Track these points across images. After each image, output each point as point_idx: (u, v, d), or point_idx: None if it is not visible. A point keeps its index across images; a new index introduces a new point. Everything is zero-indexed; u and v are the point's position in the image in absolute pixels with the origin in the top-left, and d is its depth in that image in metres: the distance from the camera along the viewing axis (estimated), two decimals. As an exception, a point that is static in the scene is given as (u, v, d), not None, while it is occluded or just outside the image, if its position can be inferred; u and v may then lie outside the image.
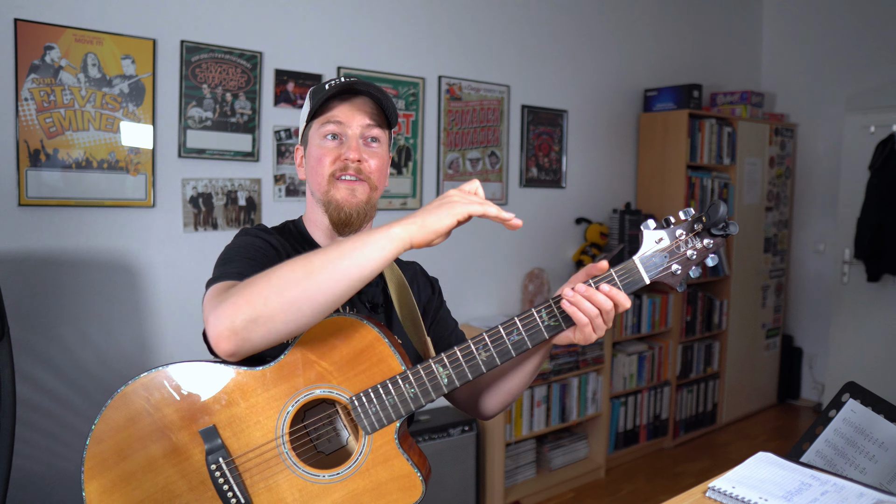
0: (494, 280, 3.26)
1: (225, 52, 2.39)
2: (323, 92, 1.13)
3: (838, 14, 4.28)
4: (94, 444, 1.00)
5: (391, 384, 0.99)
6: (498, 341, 0.98)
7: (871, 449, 1.03)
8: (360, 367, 1.00)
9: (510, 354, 0.98)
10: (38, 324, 2.10)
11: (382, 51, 2.81)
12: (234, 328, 0.86)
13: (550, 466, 3.19)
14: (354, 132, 1.14)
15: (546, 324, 0.98)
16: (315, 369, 1.00)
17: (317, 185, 1.15)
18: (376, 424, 1.00)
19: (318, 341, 1.00)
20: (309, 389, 1.01)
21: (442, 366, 0.99)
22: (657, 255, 0.97)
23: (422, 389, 0.99)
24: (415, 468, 1.01)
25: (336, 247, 0.89)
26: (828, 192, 4.34)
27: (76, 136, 2.13)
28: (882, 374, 3.81)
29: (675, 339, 3.70)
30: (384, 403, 0.99)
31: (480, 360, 0.99)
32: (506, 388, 1.19)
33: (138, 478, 1.00)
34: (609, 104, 3.74)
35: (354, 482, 1.01)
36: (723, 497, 0.85)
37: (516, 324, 0.98)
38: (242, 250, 1.06)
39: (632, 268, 0.97)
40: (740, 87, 4.47)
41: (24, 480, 2.05)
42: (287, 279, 0.87)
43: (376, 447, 1.01)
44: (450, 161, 3.04)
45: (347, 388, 1.00)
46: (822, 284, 4.40)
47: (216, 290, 0.95)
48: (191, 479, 1.00)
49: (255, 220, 2.49)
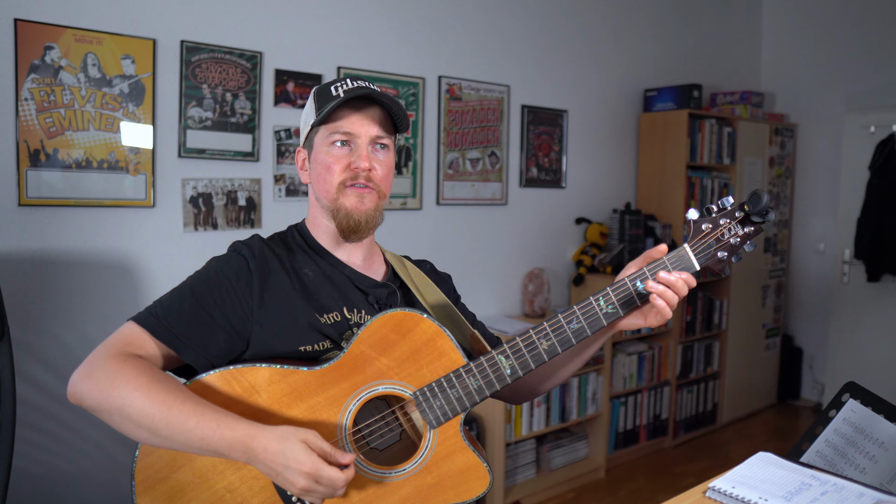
0: (494, 280, 3.26)
1: (225, 52, 2.39)
2: (331, 97, 1.09)
3: (838, 14, 4.28)
4: (143, 457, 0.98)
5: (455, 377, 1.00)
6: (559, 330, 1.01)
7: (871, 449, 1.03)
8: (422, 361, 1.01)
9: (571, 343, 1.01)
10: (38, 324, 2.10)
11: (382, 51, 2.81)
12: (78, 399, 0.96)
13: (550, 466, 3.19)
14: (364, 140, 1.11)
15: (604, 311, 1.01)
16: (375, 366, 1.00)
17: (324, 193, 1.12)
18: (441, 418, 1.00)
19: (378, 337, 1.00)
20: (371, 386, 1.00)
21: (505, 356, 1.01)
22: (705, 242, 1.02)
23: (486, 381, 1.01)
24: (482, 459, 1.02)
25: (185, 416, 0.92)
26: (828, 192, 4.34)
27: (76, 136, 2.13)
28: (882, 374, 3.82)
29: (675, 339, 3.69)
30: (448, 397, 1.00)
31: (542, 349, 1.01)
32: (562, 374, 1.22)
33: (194, 487, 0.98)
34: (609, 104, 3.74)
35: (422, 477, 1.01)
36: (723, 497, 0.85)
37: (576, 312, 1.01)
38: (188, 296, 1.04)
39: (683, 255, 1.02)
40: (740, 87, 4.47)
41: (24, 480, 2.05)
42: (131, 416, 0.93)
43: (442, 441, 1.01)
44: (450, 161, 3.04)
45: (409, 384, 1.01)
46: (822, 284, 4.39)
47: (114, 345, 0.98)
48: (252, 486, 0.98)
49: (255, 220, 2.49)
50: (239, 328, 1.04)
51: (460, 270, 3.10)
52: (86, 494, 2.18)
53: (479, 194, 3.16)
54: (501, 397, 1.29)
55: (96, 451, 2.20)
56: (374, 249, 1.24)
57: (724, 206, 1.02)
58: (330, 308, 1.09)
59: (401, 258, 1.28)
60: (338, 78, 1.15)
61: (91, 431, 2.18)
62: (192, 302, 1.03)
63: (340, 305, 1.10)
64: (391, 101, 1.12)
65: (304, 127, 1.18)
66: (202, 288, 1.05)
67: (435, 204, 3.01)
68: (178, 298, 1.04)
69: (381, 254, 1.26)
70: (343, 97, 1.08)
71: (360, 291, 1.14)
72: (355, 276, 1.15)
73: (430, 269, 1.32)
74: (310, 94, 1.18)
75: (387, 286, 1.17)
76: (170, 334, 1.00)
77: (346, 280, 1.14)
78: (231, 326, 1.03)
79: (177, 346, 1.01)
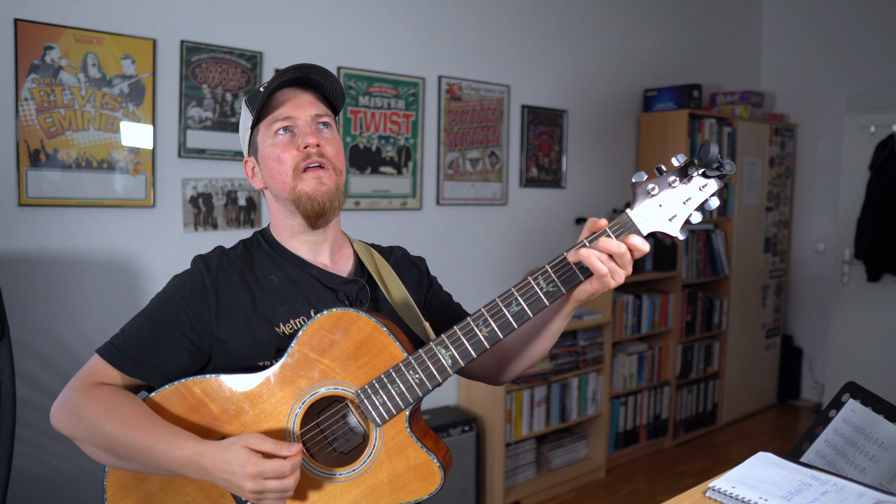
0: (494, 280, 3.25)
1: (225, 52, 2.39)
2: (259, 95, 1.09)
3: (838, 14, 4.28)
4: (112, 471, 1.02)
5: (395, 372, 0.98)
6: (497, 315, 0.97)
7: (871, 449, 1.03)
8: (362, 359, 0.99)
9: (512, 327, 0.96)
10: (38, 324, 2.10)
11: (382, 51, 2.81)
12: (58, 429, 1.03)
13: (550, 466, 3.19)
14: (304, 121, 1.10)
15: (545, 290, 0.95)
16: (317, 367, 1.00)
17: (281, 185, 1.10)
18: (385, 415, 0.99)
19: (317, 338, 1.00)
20: (314, 389, 1.00)
21: (444, 347, 0.98)
22: (651, 205, 0.93)
23: (426, 374, 0.98)
24: (431, 455, 0.99)
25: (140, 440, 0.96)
26: (828, 192, 4.34)
27: (76, 136, 2.13)
28: (882, 374, 3.81)
29: (675, 339, 3.69)
30: (390, 393, 0.98)
31: (482, 336, 0.97)
32: (528, 354, 1.17)
33: (159, 499, 1.00)
34: (609, 104, 3.74)
35: (372, 476, 0.99)
36: (723, 497, 0.85)
37: (514, 294, 0.96)
38: (146, 323, 1.07)
39: (626, 221, 0.93)
40: (740, 87, 4.47)
41: (24, 480, 2.05)
42: (97, 444, 0.98)
43: (389, 438, 1.00)
44: (450, 161, 3.04)
45: (352, 383, 0.99)
46: (822, 284, 4.39)
47: (81, 378, 1.04)
48: (210, 494, 1.00)
49: (254, 221, 2.49)
50: (199, 343, 1.06)
51: (460, 270, 3.10)
52: (86, 494, 2.18)
53: (479, 194, 3.16)
54: (476, 377, 1.26)
55: (96, 451, 2.20)
56: (342, 241, 1.22)
57: (674, 165, 0.94)
58: (297, 313, 1.09)
59: (369, 247, 1.25)
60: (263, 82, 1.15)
61: (91, 431, 2.18)
62: (149, 328, 1.06)
63: (308, 309, 1.10)
64: (322, 76, 1.12)
65: (243, 135, 1.16)
66: (160, 311, 1.07)
67: (435, 204, 3.01)
68: (138, 327, 1.07)
69: (349, 245, 1.24)
70: (273, 83, 1.08)
71: (329, 290, 1.13)
72: (323, 275, 1.14)
73: (403, 256, 1.30)
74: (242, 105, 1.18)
75: (356, 281, 1.16)
76: (131, 364, 1.04)
77: (313, 281, 1.13)
78: (192, 343, 1.06)
79: (139, 375, 1.05)
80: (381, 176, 2.82)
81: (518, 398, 2.97)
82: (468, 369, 1.24)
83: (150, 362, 1.04)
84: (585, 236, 0.94)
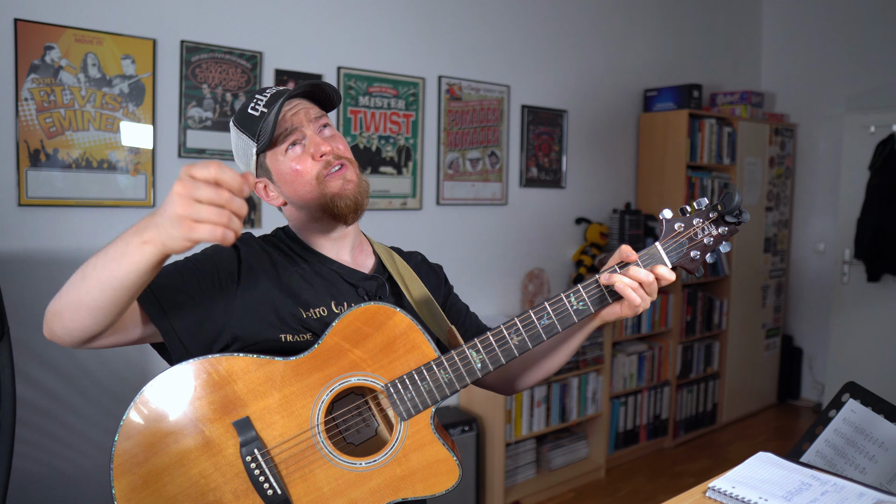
0: (494, 280, 3.26)
1: (225, 52, 2.39)
2: (256, 119, 1.09)
3: (838, 15, 4.28)
4: (122, 441, 1.00)
5: (426, 370, 1.02)
6: (529, 325, 1.03)
7: (871, 449, 1.03)
8: (394, 354, 1.02)
9: (541, 338, 1.03)
10: (38, 324, 2.09)
11: (382, 51, 2.81)
12: (45, 317, 0.97)
13: (550, 466, 3.19)
14: (310, 130, 1.12)
15: (575, 308, 1.03)
16: (349, 357, 1.02)
17: (307, 194, 1.11)
18: (412, 410, 1.02)
19: (352, 329, 1.02)
20: (343, 378, 1.02)
21: (476, 351, 1.02)
22: (677, 241, 1.04)
23: (456, 375, 1.02)
24: (451, 452, 1.03)
25: (102, 253, 0.89)
26: (828, 192, 4.34)
27: (76, 136, 2.13)
28: (882, 374, 3.82)
29: (675, 339, 3.69)
30: (419, 389, 1.01)
31: (513, 344, 1.03)
32: (549, 366, 1.24)
33: (170, 472, 0.99)
34: (609, 104, 3.74)
35: (392, 469, 1.02)
36: (723, 497, 0.85)
37: (546, 308, 1.03)
38: (181, 268, 1.05)
39: (654, 253, 1.03)
40: (740, 87, 4.47)
41: (24, 480, 2.05)
42: (71, 282, 0.93)
43: (412, 433, 1.03)
44: (450, 161, 3.04)
45: (382, 376, 1.02)
46: (822, 284, 4.39)
47: None
48: (225, 472, 0.99)
49: (255, 220, 2.49)
50: (218, 304, 1.04)
51: (460, 270, 3.10)
52: (86, 494, 2.18)
53: (479, 194, 3.16)
54: (490, 387, 1.30)
55: (96, 451, 2.20)
56: (361, 241, 1.25)
57: (697, 206, 1.05)
58: (317, 304, 1.11)
59: (389, 249, 1.28)
60: (246, 100, 1.14)
61: (91, 431, 2.18)
62: (173, 270, 1.04)
63: (328, 301, 1.12)
64: (311, 87, 1.14)
65: (245, 159, 1.16)
66: (188, 262, 1.07)
67: (435, 204, 3.01)
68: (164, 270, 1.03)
69: (368, 245, 1.27)
70: (270, 112, 1.07)
71: (350, 285, 1.15)
72: (344, 270, 1.16)
73: (421, 261, 1.33)
74: (231, 127, 1.17)
75: (376, 278, 1.18)
76: (147, 294, 1.00)
77: (334, 275, 1.15)
78: (210, 300, 1.03)
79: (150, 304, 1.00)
80: (381, 176, 2.83)
81: (518, 398, 2.97)
82: (485, 378, 1.26)
83: (165, 298, 1.01)
84: (616, 262, 1.04)
